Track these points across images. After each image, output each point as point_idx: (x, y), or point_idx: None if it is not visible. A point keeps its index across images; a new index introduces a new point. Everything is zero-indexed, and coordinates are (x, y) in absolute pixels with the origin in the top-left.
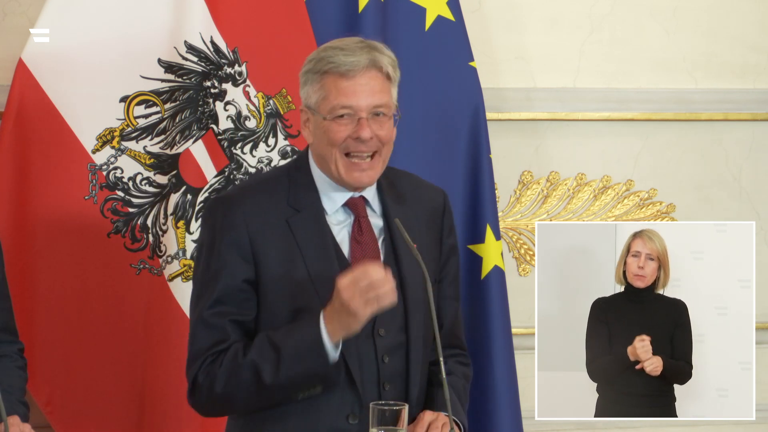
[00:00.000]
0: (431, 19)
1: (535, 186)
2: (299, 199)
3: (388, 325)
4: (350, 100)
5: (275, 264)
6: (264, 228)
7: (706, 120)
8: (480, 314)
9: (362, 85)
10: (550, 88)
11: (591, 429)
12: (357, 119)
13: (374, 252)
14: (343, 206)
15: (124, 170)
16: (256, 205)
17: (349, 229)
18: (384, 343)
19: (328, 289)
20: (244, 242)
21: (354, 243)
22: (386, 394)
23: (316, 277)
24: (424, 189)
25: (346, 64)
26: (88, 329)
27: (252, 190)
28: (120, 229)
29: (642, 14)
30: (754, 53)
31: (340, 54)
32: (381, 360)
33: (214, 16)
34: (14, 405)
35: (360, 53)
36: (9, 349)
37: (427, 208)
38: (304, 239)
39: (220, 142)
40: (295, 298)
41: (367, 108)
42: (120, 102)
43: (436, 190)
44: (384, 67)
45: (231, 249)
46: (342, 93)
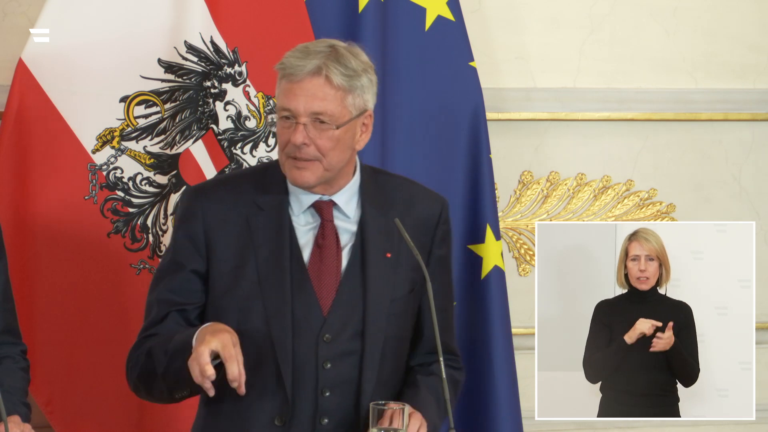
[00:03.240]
0: (431, 19)
1: (535, 186)
2: (267, 198)
3: (337, 332)
4: (290, 103)
5: (227, 260)
6: (222, 223)
7: (706, 120)
8: (480, 314)
9: (304, 90)
10: (550, 88)
11: (591, 429)
12: (294, 123)
13: (334, 258)
14: (310, 209)
15: (124, 170)
16: (219, 200)
17: (314, 232)
18: (329, 349)
19: (275, 291)
20: (199, 234)
21: (315, 247)
22: (325, 401)
23: (264, 279)
24: (420, 196)
25: (292, 68)
26: (88, 329)
27: (223, 183)
28: (120, 229)
29: (642, 14)
30: (754, 53)
31: (295, 56)
32: (321, 366)
33: (214, 16)
34: (16, 406)
35: (313, 58)
36: (12, 350)
37: (418, 217)
38: (260, 239)
39: (220, 142)
40: (241, 298)
41: (305, 113)
42: (120, 102)
43: (435, 198)
44: (330, 75)
45: (186, 239)
46: (285, 95)
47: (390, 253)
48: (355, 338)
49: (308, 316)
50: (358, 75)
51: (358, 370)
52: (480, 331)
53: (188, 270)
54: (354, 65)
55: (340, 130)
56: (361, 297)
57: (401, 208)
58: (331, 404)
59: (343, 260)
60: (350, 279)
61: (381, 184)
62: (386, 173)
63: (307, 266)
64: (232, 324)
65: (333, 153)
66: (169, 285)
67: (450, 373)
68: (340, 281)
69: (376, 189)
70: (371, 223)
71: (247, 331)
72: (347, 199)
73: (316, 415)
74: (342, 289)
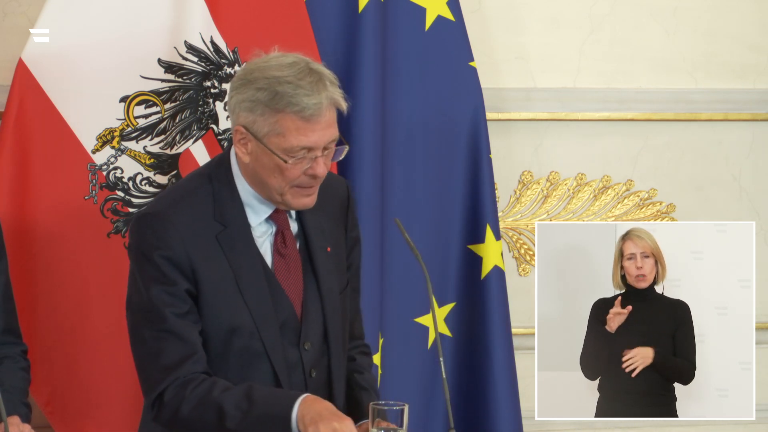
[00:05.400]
0: (431, 19)
1: (535, 186)
2: (224, 213)
3: (313, 338)
4: (311, 141)
5: (210, 281)
6: (197, 245)
7: (706, 120)
8: (480, 314)
9: (322, 125)
10: (550, 88)
11: (591, 429)
12: (313, 157)
13: (297, 264)
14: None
15: (124, 170)
16: (184, 223)
17: (271, 240)
18: (309, 356)
19: (259, 303)
20: (183, 260)
21: (277, 256)
22: None
23: (247, 293)
24: (330, 182)
25: (310, 108)
26: (88, 329)
27: (177, 204)
28: (120, 229)
29: (642, 14)
30: (754, 53)
31: (302, 94)
32: (309, 374)
33: (214, 16)
34: (16, 406)
35: (319, 91)
36: (13, 350)
37: (332, 200)
38: (233, 256)
39: (220, 142)
40: (229, 316)
41: (325, 144)
42: (120, 102)
43: (340, 180)
44: (339, 103)
45: (169, 266)
46: (302, 134)
47: (330, 248)
48: (323, 342)
49: (289, 326)
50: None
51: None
52: (480, 331)
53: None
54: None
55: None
56: (318, 296)
57: (322, 197)
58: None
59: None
60: (308, 281)
61: None
62: None
63: (274, 274)
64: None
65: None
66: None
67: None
68: (303, 286)
69: None
70: (308, 220)
71: (240, 349)
72: None
73: None
74: (306, 293)
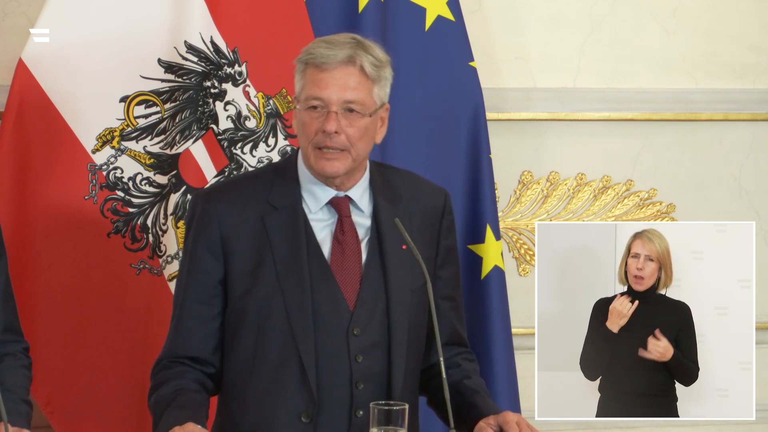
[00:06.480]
0: (431, 19)
1: (535, 186)
2: (280, 197)
3: (364, 325)
4: (322, 92)
5: (244, 261)
6: (237, 225)
7: (706, 120)
8: (480, 314)
9: (336, 78)
10: (550, 88)
11: (591, 429)
12: (326, 112)
13: (354, 252)
14: (327, 205)
15: (124, 170)
16: (231, 203)
17: (331, 229)
18: (359, 342)
19: (295, 288)
20: (216, 240)
21: (335, 243)
22: (360, 393)
23: (283, 277)
24: (424, 189)
25: (323, 57)
26: (88, 329)
27: (233, 186)
28: (120, 229)
29: (642, 14)
30: (754, 53)
31: (323, 46)
32: (354, 359)
33: (214, 16)
34: (17, 403)
35: (342, 48)
36: (14, 348)
37: (424, 209)
38: (277, 238)
39: (220, 142)
40: (261, 297)
41: (337, 102)
42: (120, 102)
43: (438, 190)
44: (363, 64)
45: (203, 247)
46: (315, 84)
47: (405, 245)
48: (382, 330)
49: (335, 311)
50: (384, 66)
51: (387, 361)
52: (480, 331)
53: (209, 277)
54: (381, 56)
55: (368, 119)
56: (384, 289)
57: (408, 201)
58: (365, 396)
59: (362, 254)
60: (371, 272)
61: (387, 178)
62: (389, 167)
63: (329, 262)
64: (253, 324)
65: (360, 143)
66: (194, 294)
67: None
68: (362, 275)
69: (384, 183)
70: (385, 217)
71: (268, 330)
72: (361, 193)
73: (352, 408)
74: (365, 282)
